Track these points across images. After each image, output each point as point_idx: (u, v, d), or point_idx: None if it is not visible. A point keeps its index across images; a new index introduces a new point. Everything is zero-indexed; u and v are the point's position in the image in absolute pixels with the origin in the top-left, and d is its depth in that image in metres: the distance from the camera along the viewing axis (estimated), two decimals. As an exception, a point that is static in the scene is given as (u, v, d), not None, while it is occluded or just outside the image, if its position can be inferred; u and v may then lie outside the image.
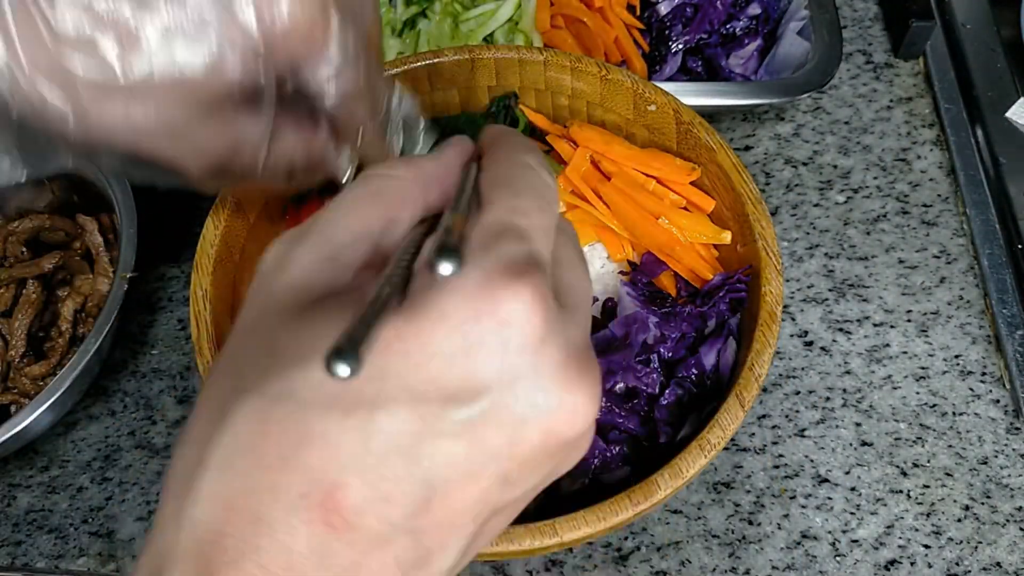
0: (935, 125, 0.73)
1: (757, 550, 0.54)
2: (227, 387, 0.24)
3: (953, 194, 0.70)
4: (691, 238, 0.54)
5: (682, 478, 0.42)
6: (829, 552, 0.54)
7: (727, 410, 0.43)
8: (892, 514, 0.56)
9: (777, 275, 0.48)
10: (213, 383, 0.26)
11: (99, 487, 0.59)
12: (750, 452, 0.58)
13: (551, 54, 0.56)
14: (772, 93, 0.68)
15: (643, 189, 0.55)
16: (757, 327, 0.46)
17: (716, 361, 0.50)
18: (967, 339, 0.62)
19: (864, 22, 0.81)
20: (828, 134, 0.73)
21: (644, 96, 0.55)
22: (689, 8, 0.73)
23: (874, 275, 0.65)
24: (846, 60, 0.78)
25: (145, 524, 0.57)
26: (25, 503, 0.58)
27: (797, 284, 0.65)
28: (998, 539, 0.54)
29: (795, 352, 0.62)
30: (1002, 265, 0.65)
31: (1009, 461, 0.57)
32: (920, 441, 0.58)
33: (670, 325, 0.50)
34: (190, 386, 0.62)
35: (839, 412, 0.59)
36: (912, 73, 0.77)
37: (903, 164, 0.71)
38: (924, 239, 0.67)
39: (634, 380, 0.49)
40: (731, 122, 0.74)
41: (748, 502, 0.56)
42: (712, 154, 0.53)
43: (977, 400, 0.60)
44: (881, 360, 0.61)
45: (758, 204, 0.51)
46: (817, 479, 0.57)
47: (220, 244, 0.51)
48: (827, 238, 0.67)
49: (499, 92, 0.59)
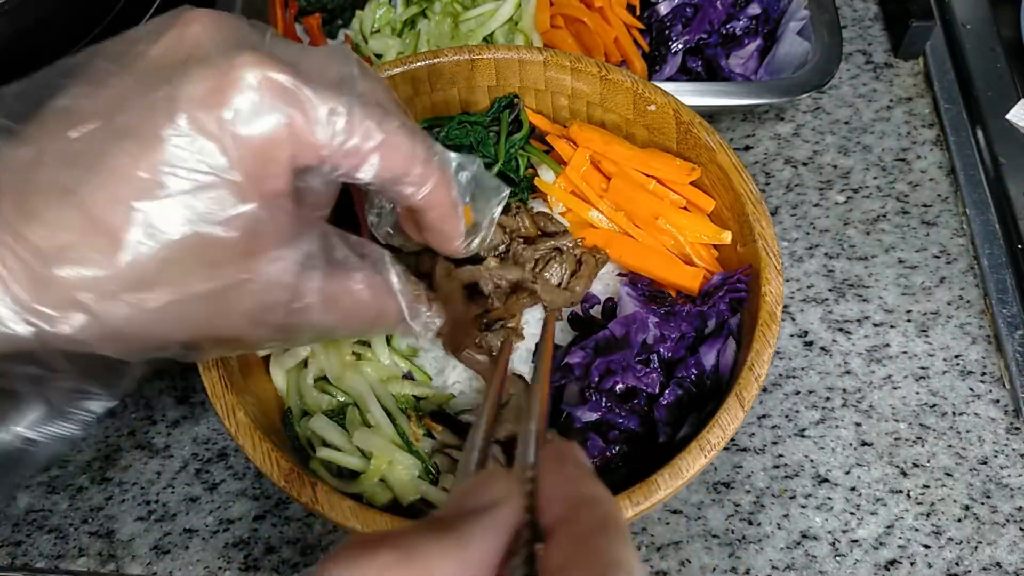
0: (935, 125, 0.73)
1: (757, 550, 0.54)
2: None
3: (953, 194, 0.70)
4: (691, 238, 0.54)
5: (682, 478, 0.42)
6: (829, 552, 0.54)
7: (727, 410, 0.43)
8: (892, 514, 0.56)
9: (777, 275, 0.48)
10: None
11: (99, 487, 0.59)
12: (750, 452, 0.58)
13: (551, 54, 0.56)
14: (772, 93, 0.68)
15: (643, 189, 0.55)
16: (757, 327, 0.46)
17: (716, 361, 0.50)
18: (967, 339, 0.62)
19: (864, 22, 0.81)
20: (828, 134, 0.73)
21: (644, 96, 0.55)
22: (689, 8, 0.73)
23: (874, 275, 0.65)
24: (846, 60, 0.78)
25: (145, 524, 0.57)
26: (25, 503, 0.58)
27: (797, 284, 0.65)
28: (998, 539, 0.54)
29: (795, 352, 0.62)
30: (1002, 265, 0.65)
31: (1009, 461, 0.57)
32: (920, 441, 0.58)
33: (670, 325, 0.50)
34: (190, 386, 0.62)
35: (839, 412, 0.59)
36: (912, 73, 0.77)
37: (903, 164, 0.71)
38: (924, 239, 0.67)
39: (634, 380, 0.49)
40: (731, 122, 0.74)
41: (748, 502, 0.56)
42: (712, 154, 0.53)
43: (977, 400, 0.60)
44: (881, 360, 0.61)
45: (758, 204, 0.51)
46: (817, 479, 0.57)
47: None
48: (827, 238, 0.67)
49: (499, 92, 0.59)
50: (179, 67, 0.30)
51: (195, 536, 0.56)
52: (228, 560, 0.55)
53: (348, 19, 0.78)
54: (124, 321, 0.31)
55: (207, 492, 0.58)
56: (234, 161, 0.30)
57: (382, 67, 0.57)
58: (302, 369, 0.53)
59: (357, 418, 0.50)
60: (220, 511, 0.57)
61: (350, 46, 0.76)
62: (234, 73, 0.30)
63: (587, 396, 0.49)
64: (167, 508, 0.57)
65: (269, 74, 0.30)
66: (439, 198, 0.37)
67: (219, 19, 0.32)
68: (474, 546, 0.22)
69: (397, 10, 0.76)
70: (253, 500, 0.57)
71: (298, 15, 0.77)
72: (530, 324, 0.53)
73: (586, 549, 0.22)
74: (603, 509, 0.24)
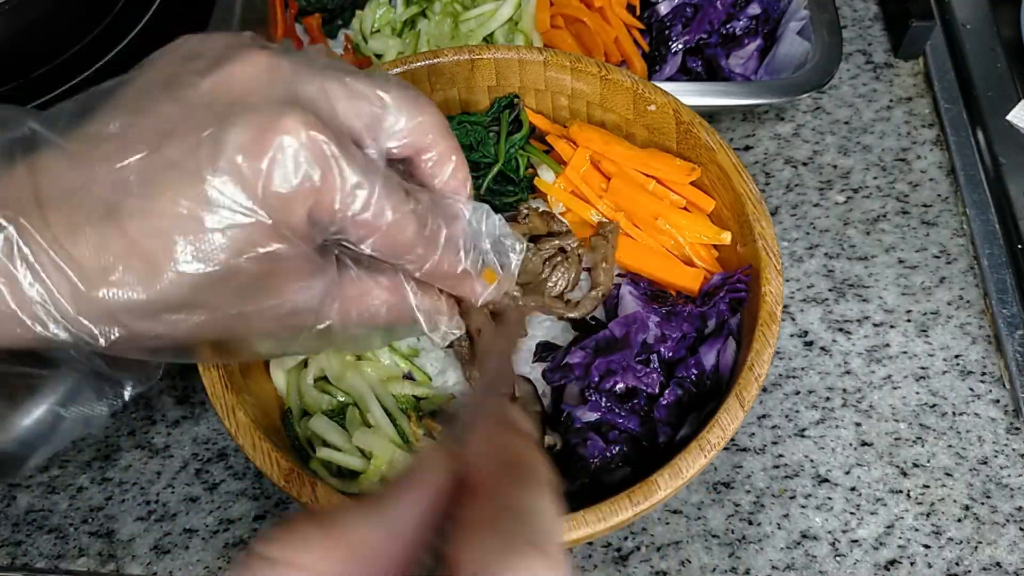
0: (935, 125, 0.73)
1: (757, 550, 0.54)
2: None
3: (953, 194, 0.70)
4: (691, 238, 0.54)
5: (682, 478, 0.42)
6: (829, 552, 0.54)
7: (727, 410, 0.43)
8: (892, 514, 0.56)
9: (777, 275, 0.48)
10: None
11: (99, 487, 0.59)
12: (750, 452, 0.58)
13: (551, 54, 0.56)
14: (772, 93, 0.68)
15: (643, 189, 0.55)
16: (757, 327, 0.46)
17: (716, 361, 0.50)
18: (967, 339, 0.62)
19: (864, 22, 0.81)
20: (828, 134, 0.73)
21: (644, 96, 0.55)
22: (689, 8, 0.73)
23: (874, 275, 0.65)
24: (846, 60, 0.78)
25: (145, 524, 0.57)
26: (25, 503, 0.58)
27: (797, 284, 0.65)
28: (998, 539, 0.54)
29: (795, 352, 0.62)
30: (1002, 265, 0.65)
31: (1009, 461, 0.57)
32: (920, 441, 0.58)
33: (670, 325, 0.50)
34: (190, 386, 0.62)
35: (839, 412, 0.59)
36: (912, 73, 0.77)
37: (903, 164, 0.71)
38: (924, 239, 0.67)
39: (634, 380, 0.49)
40: (731, 122, 0.74)
41: (748, 502, 0.56)
42: (712, 154, 0.53)
43: (977, 400, 0.60)
44: (881, 360, 0.61)
45: (758, 204, 0.51)
46: (817, 479, 0.57)
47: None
48: (827, 238, 0.67)
49: (499, 92, 0.59)
50: (227, 109, 0.32)
51: (195, 536, 0.56)
52: (228, 560, 0.55)
53: (348, 19, 0.78)
54: (156, 337, 0.33)
55: (207, 492, 0.58)
56: (265, 206, 0.32)
57: (382, 67, 0.57)
58: (302, 369, 0.53)
59: (357, 418, 0.50)
60: (220, 511, 0.57)
61: (350, 46, 0.76)
62: (279, 127, 0.32)
63: (587, 396, 0.49)
64: (167, 508, 0.57)
65: (312, 137, 0.32)
66: (442, 273, 0.39)
67: (276, 64, 0.34)
68: (393, 510, 0.23)
69: (397, 10, 0.76)
70: (253, 500, 0.57)
71: (298, 15, 0.77)
72: (532, 325, 0.53)
73: (499, 503, 0.23)
74: (524, 464, 0.24)
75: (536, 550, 0.21)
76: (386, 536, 0.22)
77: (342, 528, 0.22)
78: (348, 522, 0.22)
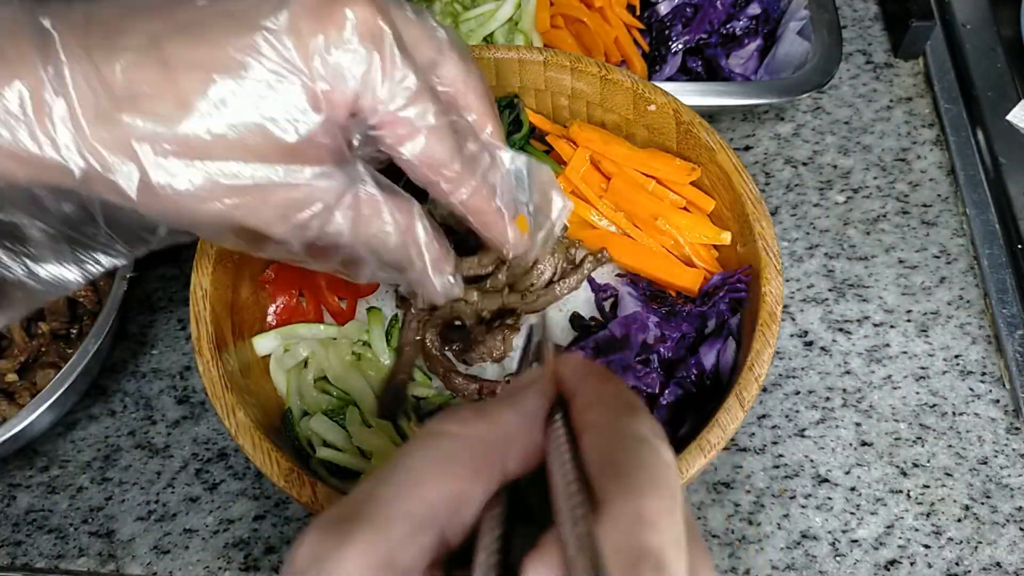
0: (935, 125, 0.73)
1: (757, 550, 0.54)
2: None
3: (953, 194, 0.70)
4: (691, 238, 0.54)
5: (682, 478, 0.42)
6: (829, 552, 0.54)
7: (727, 410, 0.43)
8: (892, 514, 0.56)
9: (777, 275, 0.48)
10: None
11: (99, 487, 0.59)
12: (750, 452, 0.58)
13: (551, 54, 0.56)
14: (772, 93, 0.68)
15: (643, 189, 0.55)
16: (757, 327, 0.46)
17: (716, 361, 0.50)
18: (967, 339, 0.62)
19: (864, 22, 0.81)
20: (828, 134, 0.73)
21: (644, 96, 0.55)
22: (689, 8, 0.73)
23: (874, 275, 0.65)
24: (846, 60, 0.78)
25: (145, 524, 0.57)
26: (25, 503, 0.58)
27: (797, 284, 0.65)
28: (998, 539, 0.54)
29: (795, 352, 0.62)
30: (1002, 265, 0.65)
31: (1009, 461, 0.57)
32: (920, 441, 0.58)
33: (670, 325, 0.50)
34: (190, 386, 0.62)
35: (839, 412, 0.59)
36: (912, 73, 0.77)
37: (903, 164, 0.71)
38: (924, 239, 0.67)
39: (634, 380, 0.49)
40: (731, 122, 0.74)
41: (748, 502, 0.56)
42: (712, 154, 0.53)
43: (977, 400, 0.60)
44: (881, 360, 0.61)
45: (758, 204, 0.51)
46: (817, 479, 0.57)
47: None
48: (827, 238, 0.67)
49: (499, 92, 0.59)
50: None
51: (195, 536, 0.56)
52: (228, 560, 0.55)
53: (348, 19, 0.78)
54: (165, 187, 0.32)
55: (207, 492, 0.58)
56: (314, 71, 0.31)
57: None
58: (302, 369, 0.53)
59: (357, 418, 0.50)
60: (220, 511, 0.57)
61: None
62: (347, 1, 0.32)
63: (587, 396, 0.49)
64: (167, 508, 0.57)
65: (376, 19, 0.32)
66: (477, 204, 0.38)
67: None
68: (523, 403, 0.25)
69: (397, 10, 0.76)
70: (253, 500, 0.57)
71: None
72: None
73: (613, 418, 0.24)
74: (632, 403, 0.26)
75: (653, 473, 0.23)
76: (522, 419, 0.25)
77: (488, 410, 0.25)
78: (492, 407, 0.25)
